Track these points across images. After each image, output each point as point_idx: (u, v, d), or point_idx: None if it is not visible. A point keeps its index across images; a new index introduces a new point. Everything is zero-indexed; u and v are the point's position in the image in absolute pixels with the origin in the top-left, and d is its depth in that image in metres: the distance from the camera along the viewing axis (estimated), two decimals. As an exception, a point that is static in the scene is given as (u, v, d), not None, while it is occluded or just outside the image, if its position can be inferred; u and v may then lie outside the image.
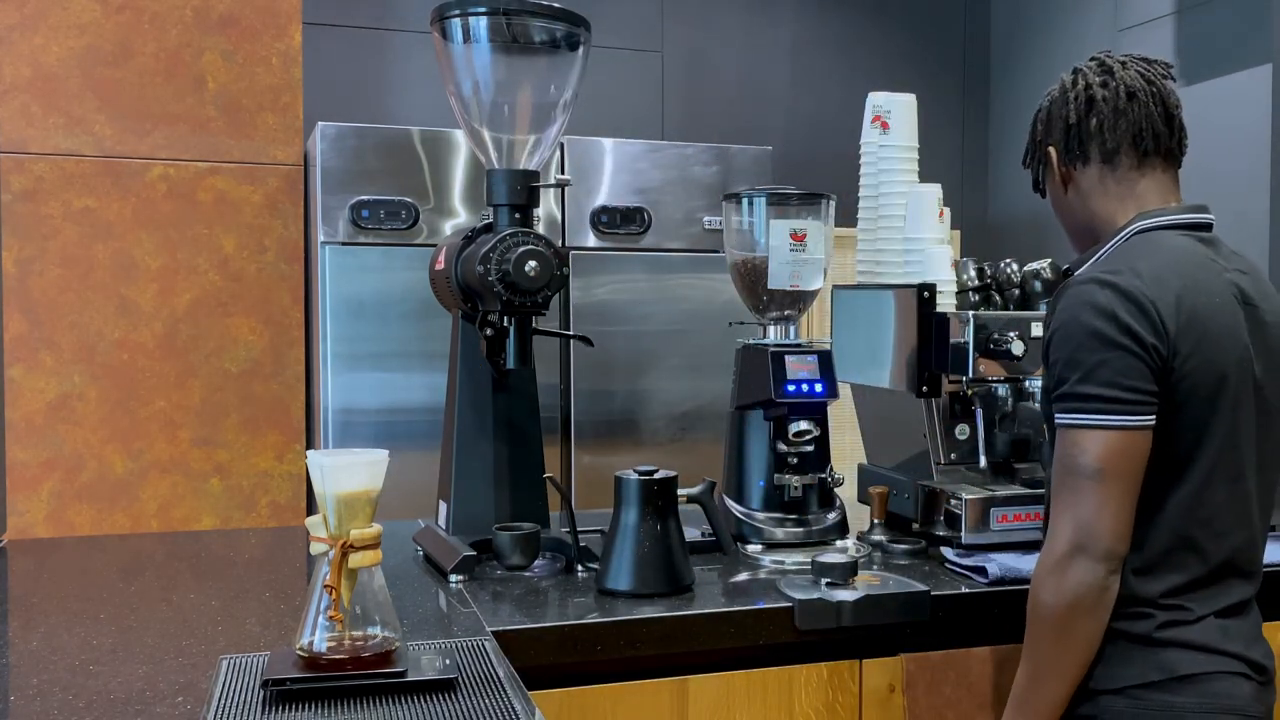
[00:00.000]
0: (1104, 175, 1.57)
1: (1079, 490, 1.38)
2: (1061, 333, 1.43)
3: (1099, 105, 1.55)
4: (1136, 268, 1.44)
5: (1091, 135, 1.56)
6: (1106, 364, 1.37)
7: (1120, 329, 1.38)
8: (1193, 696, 1.42)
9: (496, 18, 1.87)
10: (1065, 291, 1.46)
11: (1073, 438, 1.39)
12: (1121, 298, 1.39)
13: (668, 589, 1.72)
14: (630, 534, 1.74)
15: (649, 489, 1.76)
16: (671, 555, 1.74)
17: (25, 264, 3.09)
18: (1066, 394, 1.40)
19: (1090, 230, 1.60)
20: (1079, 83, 1.58)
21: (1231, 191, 3.66)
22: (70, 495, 3.12)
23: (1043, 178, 1.66)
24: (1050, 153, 1.60)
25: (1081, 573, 1.37)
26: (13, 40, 3.07)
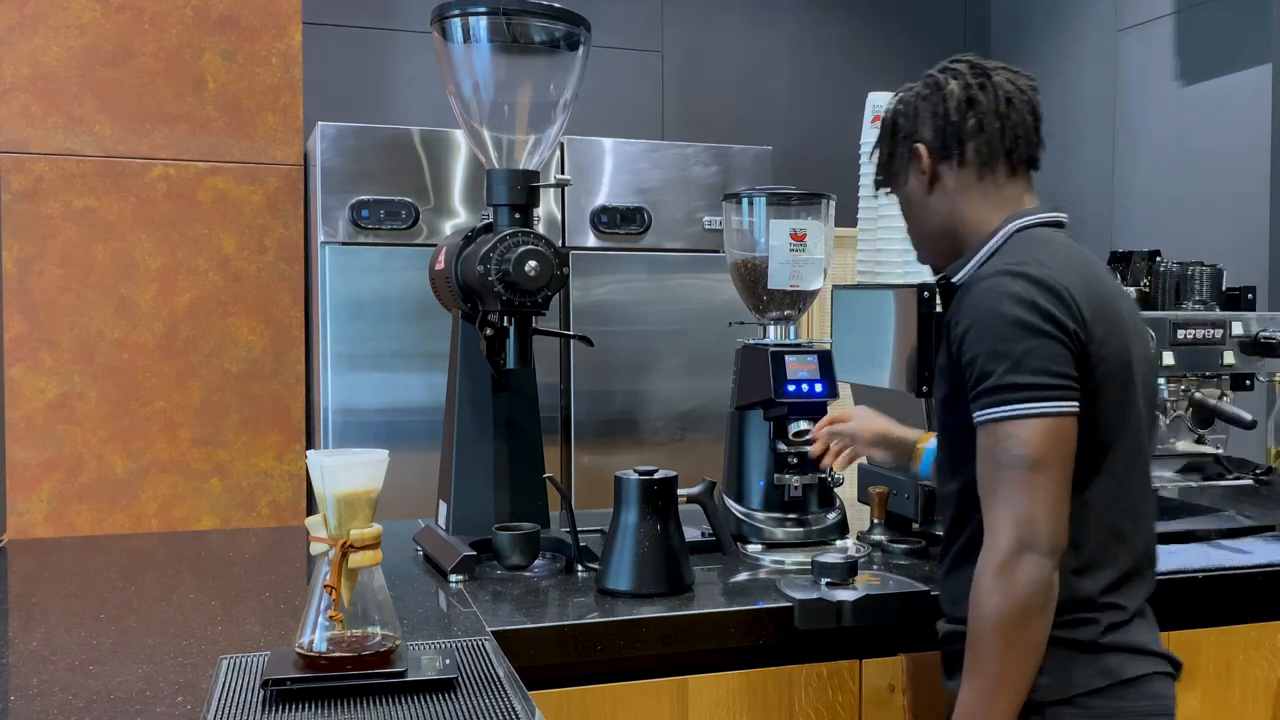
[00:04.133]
0: (978, 179, 1.52)
1: (1016, 485, 1.32)
2: (978, 328, 1.36)
3: (981, 106, 1.51)
4: (1039, 259, 1.41)
5: (969, 134, 1.51)
6: (1033, 352, 1.33)
7: (1043, 316, 1.34)
8: (1135, 700, 1.40)
9: (496, 18, 1.87)
10: (971, 289, 1.41)
11: (1005, 430, 1.33)
12: (1037, 286, 1.36)
13: (668, 589, 1.72)
14: (630, 534, 1.74)
15: (649, 489, 1.76)
16: (671, 555, 1.74)
17: (25, 264, 3.09)
18: (994, 387, 1.34)
19: (950, 234, 1.54)
20: (955, 81, 1.53)
21: (1231, 191, 3.66)
22: (70, 495, 3.12)
23: (899, 176, 1.58)
24: (919, 150, 1.53)
25: (1031, 570, 1.31)
26: (13, 40, 3.07)
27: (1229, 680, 1.91)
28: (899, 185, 1.60)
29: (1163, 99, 3.96)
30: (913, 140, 1.55)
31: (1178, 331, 2.11)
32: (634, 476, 1.77)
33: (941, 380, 1.47)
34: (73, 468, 3.12)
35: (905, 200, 1.60)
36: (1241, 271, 2.89)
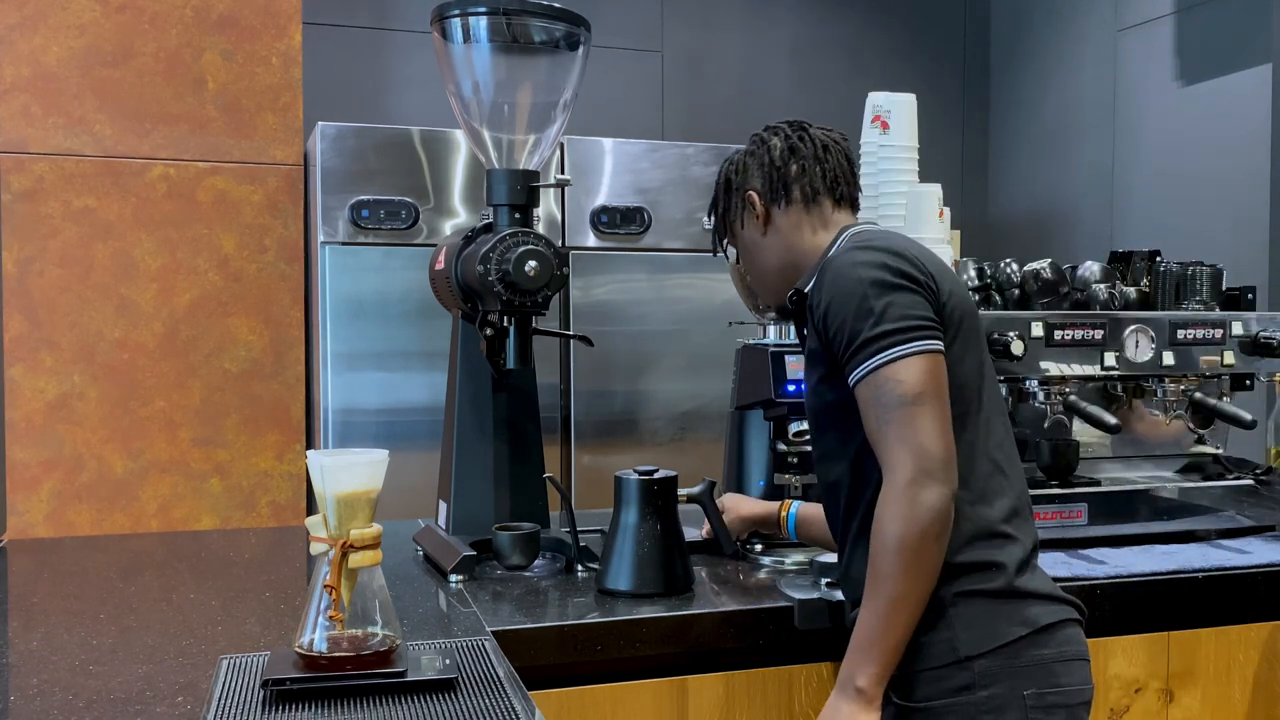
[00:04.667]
0: (806, 213, 1.63)
1: (904, 420, 1.39)
2: (838, 299, 1.45)
3: (801, 151, 1.64)
4: (880, 237, 1.53)
5: (794, 178, 1.63)
6: (894, 304, 1.42)
7: (894, 273, 1.43)
8: (1053, 646, 1.44)
9: (496, 18, 1.87)
10: (825, 272, 1.49)
11: (884, 376, 1.40)
12: (884, 252, 1.46)
13: (668, 589, 1.72)
14: (630, 534, 1.74)
15: (649, 489, 1.76)
16: (671, 555, 1.74)
17: (25, 264, 3.09)
18: (864, 341, 1.42)
19: (791, 266, 1.64)
20: (776, 135, 1.67)
21: (1231, 191, 3.66)
22: (70, 495, 3.12)
23: (735, 227, 1.69)
24: (752, 196, 1.65)
25: (929, 497, 1.37)
26: (13, 40, 3.07)
27: (1229, 680, 1.91)
28: (735, 234, 1.70)
29: (1163, 99, 3.96)
30: (744, 190, 1.66)
31: (1178, 331, 2.11)
32: (634, 476, 1.77)
33: (813, 368, 1.53)
34: (73, 468, 3.12)
35: (744, 247, 1.69)
36: (1241, 271, 2.89)
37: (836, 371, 1.47)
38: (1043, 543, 1.96)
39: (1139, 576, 1.86)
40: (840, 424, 1.50)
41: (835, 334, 1.45)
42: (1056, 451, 2.07)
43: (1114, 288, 2.19)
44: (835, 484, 1.54)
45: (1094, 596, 1.82)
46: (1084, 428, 2.11)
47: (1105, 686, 1.84)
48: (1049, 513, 2.00)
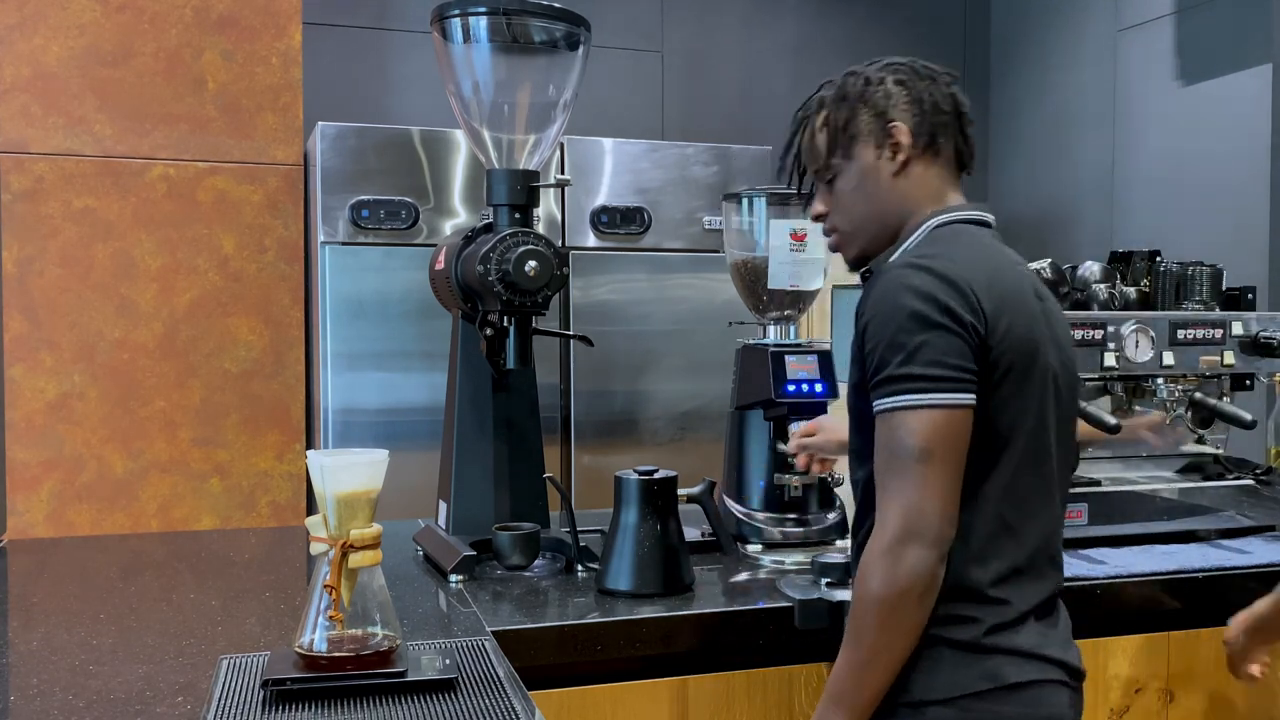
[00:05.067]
0: (937, 179, 1.52)
1: (906, 474, 1.34)
2: (878, 319, 1.38)
3: (959, 101, 1.53)
4: (946, 253, 1.42)
5: (944, 127, 1.51)
6: (928, 344, 1.34)
7: (939, 309, 1.35)
8: (1018, 706, 1.38)
9: (496, 18, 1.87)
10: (877, 280, 1.42)
11: (897, 420, 1.35)
12: (937, 279, 1.37)
13: (668, 589, 1.72)
14: (630, 534, 1.74)
15: (649, 489, 1.76)
16: (671, 555, 1.74)
17: (25, 264, 3.09)
18: (889, 377, 1.35)
19: (891, 225, 1.52)
20: (931, 72, 1.53)
21: (1231, 191, 3.66)
22: (70, 495, 3.12)
23: (858, 148, 1.52)
24: (900, 129, 1.49)
25: (914, 559, 1.32)
26: (13, 40, 3.07)
27: (1229, 680, 1.91)
28: (854, 157, 1.52)
29: (1163, 99, 3.96)
30: (889, 118, 1.50)
31: (1178, 331, 2.11)
32: (634, 476, 1.77)
33: (854, 369, 1.47)
34: (73, 468, 3.12)
35: (858, 177, 1.52)
36: (1241, 271, 2.89)
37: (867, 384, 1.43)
38: (1043, 543, 1.97)
39: (1139, 576, 1.86)
40: (866, 433, 1.45)
41: (868, 354, 1.39)
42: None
43: (1114, 288, 2.20)
44: (856, 482, 1.52)
45: (1094, 596, 1.82)
46: (1084, 427, 2.11)
47: (1105, 686, 1.85)
48: (1049, 513, 1.99)
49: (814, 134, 1.57)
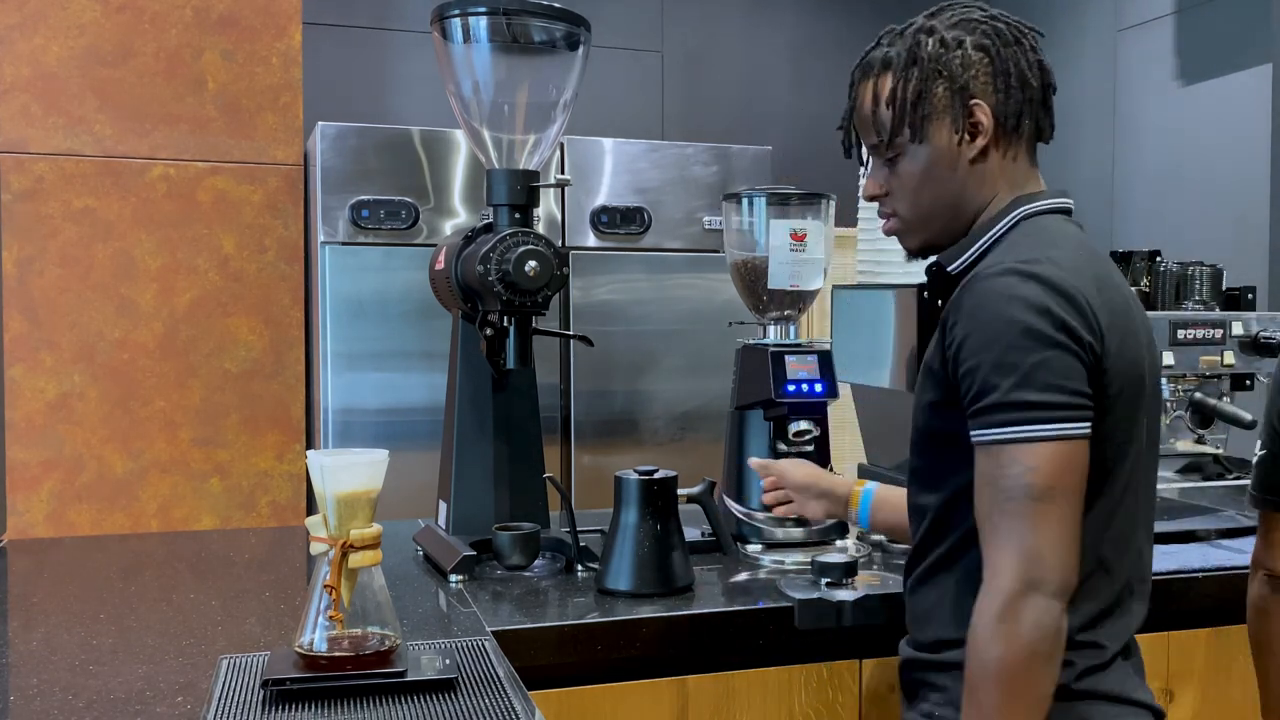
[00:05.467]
0: (1016, 149, 1.35)
1: (1024, 516, 1.17)
2: (982, 333, 1.20)
3: (1046, 70, 1.35)
4: (1051, 256, 1.25)
5: (1030, 103, 1.34)
6: (1045, 365, 1.18)
7: (1056, 325, 1.19)
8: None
9: (496, 18, 1.86)
10: (973, 288, 1.24)
11: (1010, 455, 1.18)
12: (1050, 290, 1.20)
13: (667, 589, 1.72)
14: (630, 534, 1.74)
15: (649, 489, 1.76)
16: (671, 555, 1.74)
17: (25, 264, 3.09)
18: (998, 404, 1.19)
19: (965, 213, 1.36)
20: (1024, 37, 1.34)
21: (1231, 191, 3.66)
22: (70, 495, 3.12)
23: (933, 128, 1.33)
24: (982, 109, 1.32)
25: (1038, 613, 1.16)
26: (13, 40, 3.07)
27: (1229, 680, 1.91)
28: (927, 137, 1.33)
29: (1163, 99, 3.96)
30: (969, 95, 1.32)
31: (1178, 331, 2.11)
32: (634, 477, 1.77)
33: (930, 384, 1.31)
34: (73, 468, 3.12)
35: (930, 160, 1.34)
36: (1241, 271, 2.89)
37: (954, 403, 1.26)
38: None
39: (1139, 576, 1.85)
40: (942, 454, 1.31)
41: (966, 373, 1.22)
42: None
43: (1114, 288, 2.20)
44: (921, 508, 1.37)
45: (1094, 596, 1.82)
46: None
47: (1105, 686, 1.84)
48: (1049, 513, 1.99)
49: (877, 101, 1.36)
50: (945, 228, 1.38)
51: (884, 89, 1.35)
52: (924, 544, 1.37)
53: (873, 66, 1.38)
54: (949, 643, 1.32)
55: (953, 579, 1.32)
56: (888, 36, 1.38)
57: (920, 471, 1.37)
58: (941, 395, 1.29)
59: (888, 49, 1.37)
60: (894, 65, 1.35)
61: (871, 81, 1.37)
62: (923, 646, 1.37)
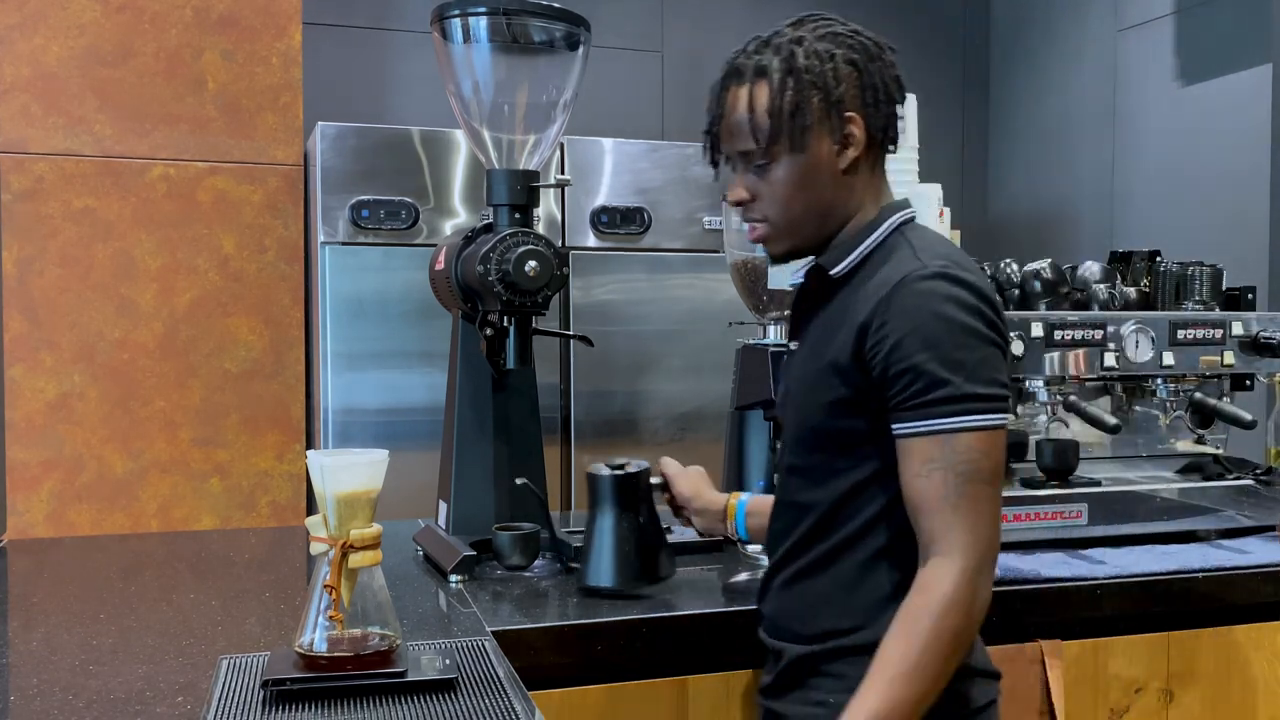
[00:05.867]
0: (876, 156, 1.41)
1: (979, 498, 1.26)
2: (921, 332, 1.27)
3: (903, 89, 1.42)
4: (958, 261, 1.34)
5: (891, 116, 1.39)
6: (986, 361, 1.28)
7: (988, 324, 1.29)
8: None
9: (496, 18, 1.87)
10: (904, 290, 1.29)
11: (966, 442, 1.26)
12: (976, 293, 1.30)
13: (648, 581, 1.70)
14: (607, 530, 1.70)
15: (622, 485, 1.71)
16: (649, 547, 1.71)
17: (25, 264, 3.09)
18: (953, 396, 1.26)
19: (834, 220, 1.40)
20: (884, 51, 1.41)
21: (1231, 191, 3.66)
22: (70, 495, 3.12)
23: (810, 139, 1.36)
24: (856, 121, 1.36)
25: (988, 588, 1.27)
26: (13, 40, 3.07)
27: (1229, 680, 1.91)
28: (804, 147, 1.36)
29: (1163, 99, 3.96)
30: (844, 107, 1.36)
31: (1178, 331, 2.11)
32: (605, 472, 1.73)
33: (834, 383, 1.34)
34: (73, 468, 3.12)
35: (804, 169, 1.37)
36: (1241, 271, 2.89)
37: (863, 402, 1.33)
38: (1043, 543, 1.97)
39: (1139, 576, 1.85)
40: (837, 451, 1.36)
41: (905, 370, 1.28)
42: (1056, 451, 2.07)
43: (1114, 288, 2.19)
44: (804, 505, 1.40)
45: (1094, 596, 1.82)
46: (1084, 428, 2.11)
47: (1105, 686, 1.84)
48: (1049, 513, 2.00)
49: (752, 109, 1.38)
50: (813, 235, 1.42)
51: (760, 97, 1.38)
52: (806, 539, 1.41)
53: (744, 74, 1.40)
54: (839, 632, 1.37)
55: (845, 570, 1.37)
56: (754, 44, 1.41)
57: (806, 469, 1.41)
58: (849, 394, 1.34)
59: (759, 57, 1.39)
60: (769, 74, 1.37)
61: (745, 88, 1.39)
62: (808, 639, 1.40)
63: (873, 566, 1.35)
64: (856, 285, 1.38)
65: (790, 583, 1.44)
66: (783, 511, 1.46)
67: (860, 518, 1.36)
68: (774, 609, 1.48)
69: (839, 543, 1.38)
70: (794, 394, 1.44)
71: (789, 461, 1.44)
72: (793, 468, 1.43)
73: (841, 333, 1.35)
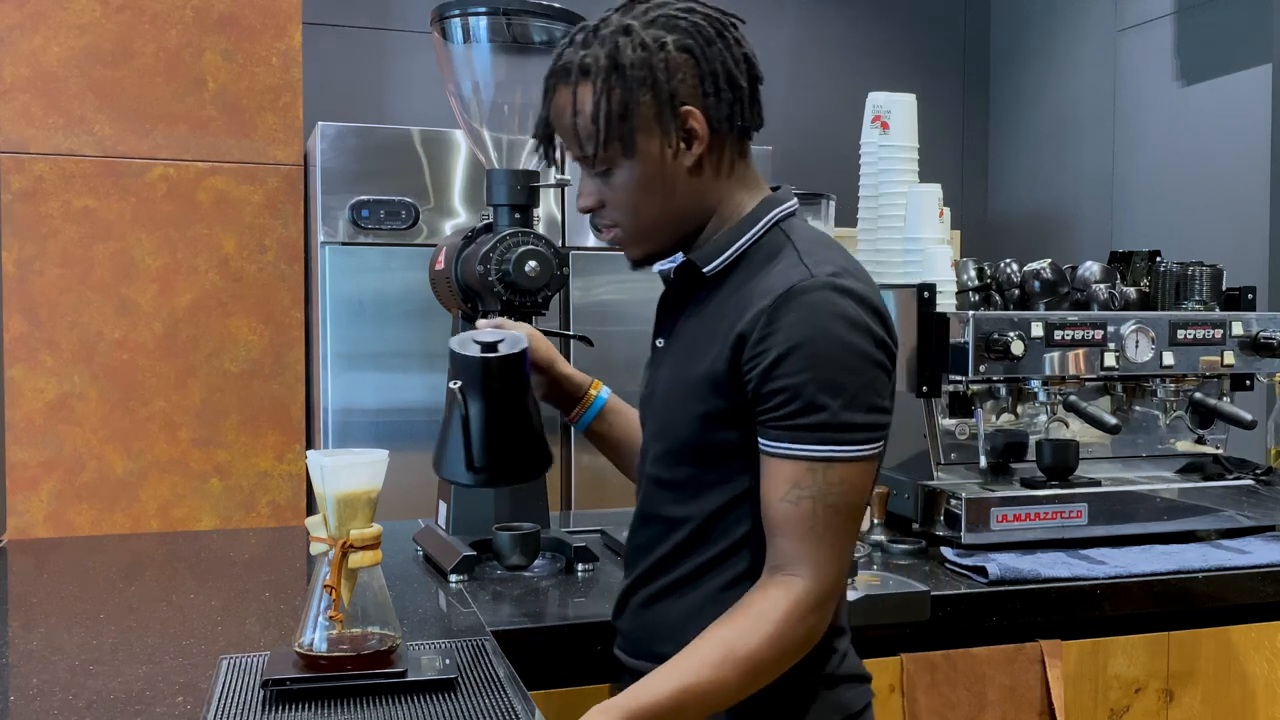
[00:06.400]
0: (733, 144, 1.30)
1: (845, 530, 1.22)
2: (804, 350, 1.18)
3: (752, 62, 1.29)
4: (845, 266, 1.25)
5: (740, 102, 1.28)
6: (869, 386, 1.20)
7: (876, 343, 1.21)
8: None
9: (496, 18, 1.87)
10: (791, 302, 1.20)
11: (838, 472, 1.20)
12: (865, 306, 1.21)
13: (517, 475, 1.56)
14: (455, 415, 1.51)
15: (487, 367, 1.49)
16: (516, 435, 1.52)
17: (25, 264, 3.09)
18: (829, 424, 1.19)
19: (680, 221, 1.31)
20: (726, 29, 1.27)
21: (1231, 191, 3.66)
22: (70, 495, 3.12)
23: (644, 143, 1.25)
24: (694, 115, 1.25)
25: (820, 628, 1.23)
26: (13, 40, 3.07)
27: (1229, 680, 1.91)
28: (639, 153, 1.25)
29: (1163, 99, 3.96)
30: (678, 102, 1.24)
31: (1177, 332, 2.11)
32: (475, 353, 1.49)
33: (707, 394, 1.26)
34: (73, 468, 3.12)
35: (641, 172, 1.27)
36: (1241, 271, 2.89)
37: (738, 416, 1.25)
38: (1043, 543, 1.98)
39: (1139, 576, 1.86)
40: (714, 466, 1.28)
41: (784, 388, 1.20)
42: (1056, 451, 2.07)
43: (1114, 288, 2.19)
44: (677, 520, 1.32)
45: (1094, 596, 1.82)
46: (1084, 428, 2.11)
47: (1105, 686, 1.85)
48: (1049, 513, 2.00)
49: (578, 112, 1.26)
50: (671, 237, 1.33)
51: (584, 100, 1.25)
52: (673, 556, 1.33)
53: (569, 73, 1.26)
54: None
55: (711, 589, 1.30)
56: (581, 35, 1.26)
57: (675, 483, 1.32)
58: (724, 406, 1.25)
59: (584, 52, 1.25)
60: (593, 73, 1.23)
61: (570, 89, 1.26)
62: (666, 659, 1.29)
63: (737, 587, 1.27)
64: (734, 286, 1.29)
65: (653, 600, 1.36)
66: (646, 524, 1.37)
67: (732, 536, 1.29)
68: (633, 626, 1.40)
69: (707, 561, 1.31)
70: (662, 400, 1.35)
71: (656, 473, 1.35)
72: (661, 480, 1.34)
73: (718, 341, 1.26)
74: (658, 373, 1.39)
